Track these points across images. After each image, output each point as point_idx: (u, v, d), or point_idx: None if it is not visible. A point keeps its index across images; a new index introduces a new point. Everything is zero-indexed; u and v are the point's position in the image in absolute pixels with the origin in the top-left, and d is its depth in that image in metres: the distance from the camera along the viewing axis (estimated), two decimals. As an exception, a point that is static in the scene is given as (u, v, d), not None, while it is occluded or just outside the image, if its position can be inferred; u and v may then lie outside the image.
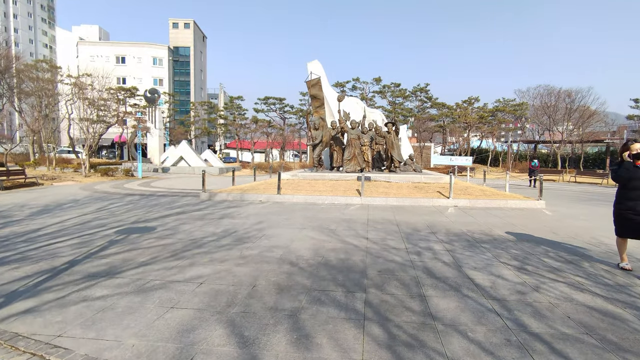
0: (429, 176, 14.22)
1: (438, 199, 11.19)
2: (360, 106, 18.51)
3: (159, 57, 58.47)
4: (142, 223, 8.03)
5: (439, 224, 8.28)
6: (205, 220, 8.47)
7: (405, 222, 8.46)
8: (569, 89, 35.16)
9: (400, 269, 4.98)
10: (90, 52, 54.66)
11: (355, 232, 7.26)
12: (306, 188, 12.90)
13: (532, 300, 3.93)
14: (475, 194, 12.02)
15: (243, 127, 46.45)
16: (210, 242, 6.34)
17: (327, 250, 5.87)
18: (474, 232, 7.37)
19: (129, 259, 5.25)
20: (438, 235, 7.10)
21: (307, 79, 15.68)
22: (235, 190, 13.02)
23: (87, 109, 27.31)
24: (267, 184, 13.81)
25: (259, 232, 7.24)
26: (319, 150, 15.92)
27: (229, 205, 10.97)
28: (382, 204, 11.21)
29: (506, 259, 5.50)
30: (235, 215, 9.09)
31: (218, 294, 4.02)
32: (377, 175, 14.28)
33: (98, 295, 3.93)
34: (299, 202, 11.51)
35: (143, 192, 14.59)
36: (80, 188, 16.04)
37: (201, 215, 9.15)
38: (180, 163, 31.98)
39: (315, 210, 10.04)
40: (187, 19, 61.79)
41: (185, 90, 62.20)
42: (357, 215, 9.38)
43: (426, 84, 43.83)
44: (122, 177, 23.08)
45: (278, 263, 5.19)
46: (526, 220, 8.91)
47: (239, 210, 9.91)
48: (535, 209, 10.67)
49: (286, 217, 8.89)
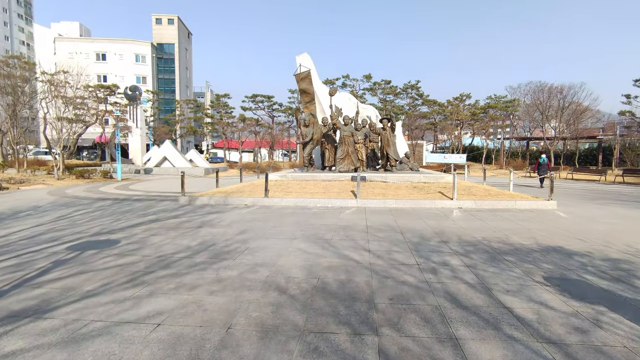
0: (428, 175, 13.30)
1: (441, 201, 10.26)
2: (353, 102, 17.52)
3: (141, 54, 56.38)
4: (104, 235, 6.85)
5: (447, 230, 7.32)
6: (181, 230, 7.33)
7: (410, 228, 7.48)
8: (561, 85, 34.86)
9: (416, 294, 3.97)
10: (68, 48, 52.26)
11: (355, 243, 6.23)
12: (296, 190, 11.83)
13: (601, 342, 2.96)
14: (479, 194, 11.13)
15: (230, 125, 45.04)
16: (181, 260, 5.23)
17: (324, 269, 4.83)
18: (491, 241, 6.42)
19: (71, 288, 4.12)
20: (451, 245, 6.13)
21: (296, 72, 14.58)
22: (219, 193, 11.88)
23: (64, 108, 25.65)
24: (253, 186, 12.70)
25: (241, 244, 6.15)
26: (309, 149, 14.86)
27: (210, 210, 9.83)
28: (380, 207, 10.22)
29: (540, 277, 4.54)
30: (215, 223, 7.97)
31: (178, 343, 2.94)
32: (373, 175, 13.30)
33: (7, 352, 2.81)
34: (289, 206, 10.44)
35: (117, 197, 13.31)
36: (49, 192, 14.65)
37: (177, 223, 8.00)
38: (164, 164, 30.52)
39: (307, 215, 8.98)
40: (171, 15, 59.81)
41: (170, 89, 60.27)
42: (354, 220, 8.36)
43: (417, 81, 43.20)
44: (99, 180, 21.62)
45: (263, 289, 4.13)
46: (542, 224, 8.02)
47: (220, 217, 8.79)
48: (546, 210, 9.82)
49: (274, 225, 7.82)
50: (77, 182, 19.90)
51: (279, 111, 45.99)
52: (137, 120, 31.01)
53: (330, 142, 15.36)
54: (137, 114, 30.95)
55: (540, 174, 17.28)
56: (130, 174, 28.34)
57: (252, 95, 44.30)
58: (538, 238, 6.63)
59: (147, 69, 56.78)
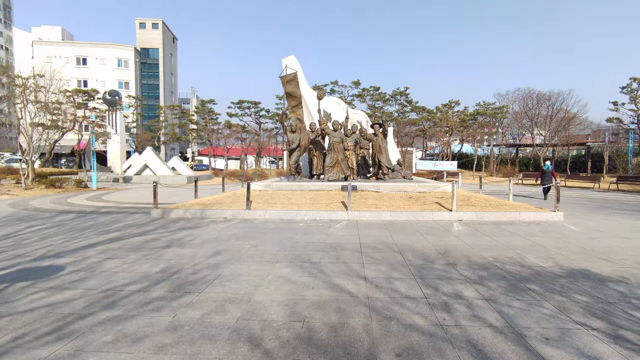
0: (423, 184, 12.48)
1: (439, 212, 9.41)
2: (342, 107, 16.69)
3: (124, 59, 54.67)
4: (49, 259, 5.73)
5: (452, 248, 6.43)
6: (144, 251, 6.26)
7: (409, 246, 6.57)
8: (549, 92, 34.88)
9: (430, 346, 3.03)
10: (47, 52, 50.20)
11: (347, 267, 5.28)
12: (282, 201, 10.84)
13: None
14: (479, 204, 10.33)
15: (215, 132, 43.78)
16: (132, 295, 4.18)
17: (310, 306, 3.86)
18: (504, 262, 5.55)
19: (-34, 346, 3.04)
20: (459, 268, 5.23)
21: (282, 74, 13.68)
22: (196, 205, 10.79)
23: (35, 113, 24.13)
24: (235, 197, 11.65)
25: (212, 270, 5.13)
26: (296, 156, 13.91)
27: (184, 225, 8.75)
28: (373, 220, 9.30)
29: (580, 315, 3.66)
30: (186, 242, 6.92)
31: None
32: (365, 184, 12.41)
33: None
34: (273, 220, 9.43)
35: (84, 209, 12.07)
36: (10, 204, 13.28)
37: (141, 242, 6.92)
38: (144, 172, 29.11)
39: (293, 231, 8.00)
40: (155, 19, 58.38)
41: (154, 94, 58.60)
42: (346, 237, 7.41)
43: (405, 88, 42.81)
44: (71, 190, 20.17)
45: (230, 340, 3.13)
46: (556, 240, 7.21)
47: (194, 234, 7.73)
48: (554, 222, 9.06)
49: (254, 244, 6.81)
50: (47, 192, 18.45)
51: (266, 117, 44.96)
52: (116, 126, 29.57)
53: (318, 149, 14.45)
54: (117, 120, 29.53)
55: (543, 183, 15.21)
56: (108, 182, 26.87)
57: (239, 101, 43.23)
58: (557, 258, 5.79)
59: (130, 74, 55.07)
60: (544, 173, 15.63)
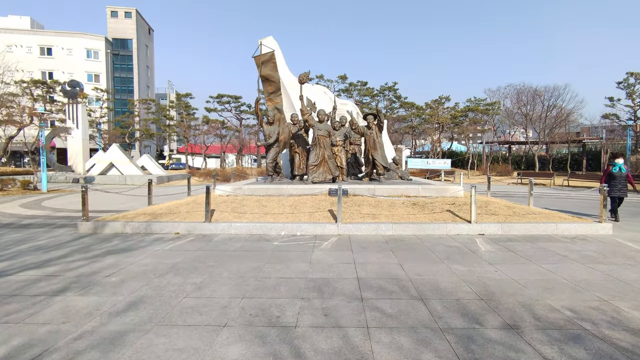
0: (427, 187, 10.38)
1: (454, 224, 7.31)
2: (329, 96, 14.48)
3: (94, 50, 50.77)
4: None
5: (496, 288, 4.31)
6: (19, 300, 3.89)
7: (432, 284, 4.42)
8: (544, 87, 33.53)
9: None
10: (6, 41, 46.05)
11: (342, 338, 3.07)
12: (253, 210, 8.54)
13: None
14: (502, 212, 8.29)
15: (193, 128, 40.91)
16: None
17: None
18: (594, 320, 3.44)
19: None
20: (529, 336, 3.10)
21: (256, 54, 11.37)
22: (143, 215, 8.38)
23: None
24: (195, 204, 9.28)
25: (108, 346, 2.84)
26: (274, 153, 11.60)
27: (115, 246, 6.38)
28: (371, 235, 7.14)
29: None
30: (98, 281, 4.57)
31: None
32: (357, 187, 10.24)
33: None
34: (239, 236, 7.15)
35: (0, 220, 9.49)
36: None
37: (28, 282, 4.54)
38: (110, 171, 26.20)
39: (262, 256, 5.74)
40: (128, 8, 54.56)
41: (128, 88, 54.89)
42: (337, 266, 5.21)
43: (394, 83, 40.96)
44: (15, 192, 17.33)
45: None
46: (631, 269, 5.20)
47: (120, 262, 5.38)
48: (603, 236, 7.09)
49: (200, 282, 4.53)
50: (-19, 195, 15.60)
51: (247, 113, 42.35)
52: (77, 120, 26.51)
53: (301, 145, 12.18)
54: (78, 113, 26.47)
55: (613, 193, 9.15)
56: (66, 183, 23.89)
57: (218, 95, 40.43)
58: (666, 309, 3.73)
59: (100, 66, 51.23)
60: (610, 177, 9.37)
